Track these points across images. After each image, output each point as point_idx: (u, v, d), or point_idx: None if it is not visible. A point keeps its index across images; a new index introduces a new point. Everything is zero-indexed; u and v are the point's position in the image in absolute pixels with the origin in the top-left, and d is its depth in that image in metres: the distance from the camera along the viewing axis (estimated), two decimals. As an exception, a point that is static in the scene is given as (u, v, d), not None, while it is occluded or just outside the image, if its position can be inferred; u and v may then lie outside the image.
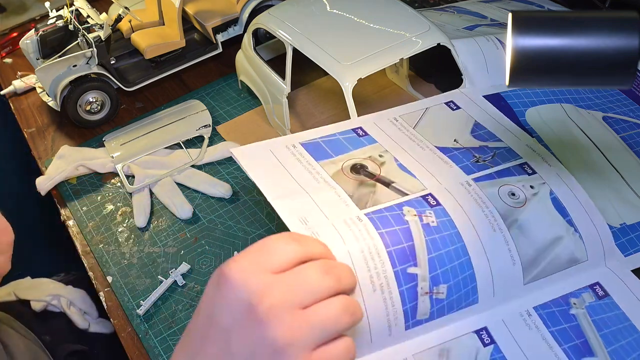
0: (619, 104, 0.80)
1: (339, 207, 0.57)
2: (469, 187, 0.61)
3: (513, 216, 0.61)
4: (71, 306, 0.84)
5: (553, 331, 0.57)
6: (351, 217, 0.56)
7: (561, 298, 0.60)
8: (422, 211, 0.58)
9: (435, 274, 0.56)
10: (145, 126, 0.91)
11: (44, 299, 0.84)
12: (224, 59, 1.00)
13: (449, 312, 0.57)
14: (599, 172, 0.71)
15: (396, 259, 0.54)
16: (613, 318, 0.59)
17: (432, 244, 0.56)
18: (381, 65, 0.72)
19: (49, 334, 0.80)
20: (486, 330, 0.57)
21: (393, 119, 0.70)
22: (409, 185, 0.61)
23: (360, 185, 0.60)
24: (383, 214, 0.56)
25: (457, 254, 0.57)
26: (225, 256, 0.74)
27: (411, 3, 0.98)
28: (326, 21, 0.79)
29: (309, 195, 0.58)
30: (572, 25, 0.43)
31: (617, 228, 0.66)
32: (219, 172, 0.84)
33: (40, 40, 0.90)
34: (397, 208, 0.58)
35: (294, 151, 0.64)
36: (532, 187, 0.63)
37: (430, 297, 0.56)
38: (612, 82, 0.46)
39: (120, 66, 0.94)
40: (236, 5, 0.97)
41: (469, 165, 0.64)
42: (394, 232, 0.55)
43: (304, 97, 0.92)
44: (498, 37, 0.81)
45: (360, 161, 0.63)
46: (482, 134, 0.68)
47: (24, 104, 1.01)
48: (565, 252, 0.61)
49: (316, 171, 0.62)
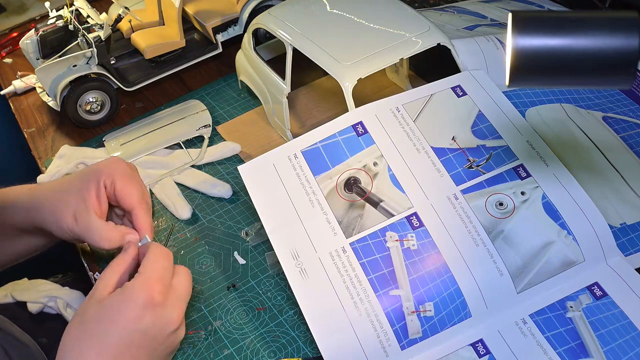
0: (619, 104, 0.80)
1: (327, 236, 0.64)
2: (456, 200, 0.63)
3: (498, 228, 0.62)
4: (68, 308, 0.83)
5: (548, 336, 0.58)
6: (337, 248, 0.63)
7: (557, 303, 0.60)
8: (404, 235, 0.62)
9: (419, 294, 0.59)
10: (145, 126, 0.91)
11: (40, 301, 0.84)
12: (224, 59, 1.00)
13: (442, 328, 0.59)
14: (599, 172, 0.71)
15: (377, 285, 0.60)
16: (610, 317, 0.59)
17: (412, 266, 0.61)
18: (381, 65, 0.72)
19: (45, 336, 0.80)
20: (482, 342, 0.59)
21: (395, 109, 0.70)
22: (396, 204, 0.64)
23: (350, 208, 0.65)
24: (367, 243, 0.63)
25: (438, 272, 0.60)
26: (225, 256, 0.74)
27: (411, 3, 0.98)
28: (326, 21, 0.79)
29: (302, 224, 0.65)
30: (572, 25, 0.43)
31: (617, 228, 0.66)
32: (219, 172, 0.84)
33: (40, 40, 0.90)
34: (381, 234, 0.63)
35: (294, 163, 0.68)
36: (523, 194, 0.64)
37: (418, 315, 0.59)
38: (612, 82, 0.46)
39: (120, 66, 0.94)
40: (236, 5, 0.97)
41: (461, 173, 0.65)
42: (375, 260, 0.61)
43: (304, 97, 0.92)
44: (498, 37, 0.81)
45: (355, 173, 0.67)
46: (483, 129, 0.68)
47: (24, 104, 1.01)
48: (558, 257, 0.61)
49: (312, 190, 0.66)
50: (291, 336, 0.66)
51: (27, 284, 0.87)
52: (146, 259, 0.59)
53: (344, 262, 0.62)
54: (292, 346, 0.65)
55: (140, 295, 0.55)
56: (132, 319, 0.55)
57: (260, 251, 0.74)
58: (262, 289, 0.70)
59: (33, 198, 0.68)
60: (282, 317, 0.67)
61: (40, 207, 0.66)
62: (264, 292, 0.70)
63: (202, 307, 0.69)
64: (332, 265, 0.62)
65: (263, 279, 0.71)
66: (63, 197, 0.65)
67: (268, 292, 0.70)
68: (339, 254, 0.62)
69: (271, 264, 0.72)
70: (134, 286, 0.56)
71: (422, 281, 0.60)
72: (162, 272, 0.58)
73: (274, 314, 0.68)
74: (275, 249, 0.64)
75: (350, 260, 0.62)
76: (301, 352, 0.64)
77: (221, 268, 0.73)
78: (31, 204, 0.67)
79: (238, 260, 0.73)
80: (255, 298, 0.69)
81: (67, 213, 0.64)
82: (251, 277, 0.71)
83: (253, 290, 0.70)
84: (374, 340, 0.58)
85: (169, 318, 0.57)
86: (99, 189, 0.65)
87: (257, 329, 0.67)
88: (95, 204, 0.65)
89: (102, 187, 0.66)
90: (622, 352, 0.57)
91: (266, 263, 0.72)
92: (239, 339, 0.66)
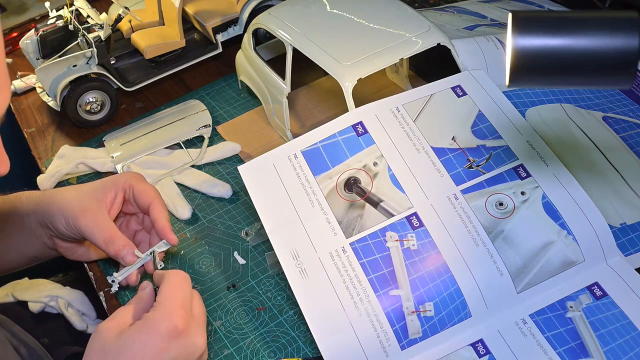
0: (619, 104, 0.80)
1: (327, 236, 0.63)
2: (456, 200, 0.63)
3: (498, 228, 0.62)
4: (69, 307, 0.83)
5: (548, 336, 0.58)
6: (337, 248, 0.63)
7: (557, 302, 0.60)
8: (404, 235, 0.62)
9: (419, 294, 0.59)
10: (145, 126, 0.91)
11: (41, 301, 0.84)
12: (224, 59, 1.00)
13: (442, 328, 0.59)
14: (599, 172, 0.71)
15: (377, 285, 0.60)
16: (610, 317, 0.59)
17: (412, 266, 0.60)
18: (381, 65, 0.72)
19: (47, 336, 0.80)
20: (482, 342, 0.59)
21: (395, 109, 0.70)
22: (396, 204, 0.64)
23: (350, 208, 0.65)
24: (367, 243, 0.62)
25: (438, 272, 0.60)
26: (225, 256, 0.74)
27: (411, 3, 0.98)
28: (326, 21, 0.79)
29: (302, 224, 0.64)
30: (572, 25, 0.43)
31: (618, 228, 0.66)
32: (219, 172, 0.84)
33: (40, 40, 0.90)
34: (381, 234, 0.62)
35: (294, 163, 0.68)
36: (523, 194, 0.64)
37: (418, 315, 0.59)
38: (612, 82, 0.46)
39: (120, 66, 0.94)
40: (236, 5, 0.97)
41: (461, 173, 0.65)
42: (375, 260, 0.61)
43: (304, 97, 0.92)
44: (498, 37, 0.81)
45: (355, 173, 0.67)
46: (483, 129, 0.68)
47: (24, 104, 1.01)
48: (558, 257, 0.61)
49: (312, 190, 0.66)
50: (291, 336, 0.66)
51: (28, 283, 0.87)
52: (165, 285, 0.56)
53: (344, 262, 0.62)
54: (292, 346, 0.65)
55: (163, 325, 0.53)
56: (157, 350, 0.53)
57: (260, 251, 0.74)
58: (262, 289, 0.70)
59: (45, 195, 0.69)
60: (282, 317, 0.67)
61: (52, 203, 0.67)
62: (264, 292, 0.70)
63: (202, 307, 0.69)
64: (332, 265, 0.62)
65: (263, 279, 0.71)
66: (77, 195, 0.67)
67: (268, 292, 0.70)
68: (339, 254, 0.62)
69: (271, 264, 0.72)
70: (155, 317, 0.54)
71: (422, 281, 0.60)
72: (182, 300, 0.55)
73: (274, 314, 0.68)
74: (275, 249, 0.64)
75: (350, 260, 0.62)
76: (301, 352, 0.64)
77: (221, 268, 0.73)
78: (43, 199, 0.68)
79: (238, 260, 0.73)
80: (255, 298, 0.69)
81: (76, 207, 0.65)
82: (251, 277, 0.71)
83: (253, 290, 0.70)
84: (374, 340, 0.58)
85: (194, 345, 0.54)
86: (116, 194, 0.67)
87: (257, 329, 0.67)
88: (108, 205, 0.66)
89: (120, 193, 0.67)
90: (622, 352, 0.57)
91: (266, 263, 0.72)
92: (239, 339, 0.66)
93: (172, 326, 0.53)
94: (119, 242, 0.64)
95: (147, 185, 0.69)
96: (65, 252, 0.72)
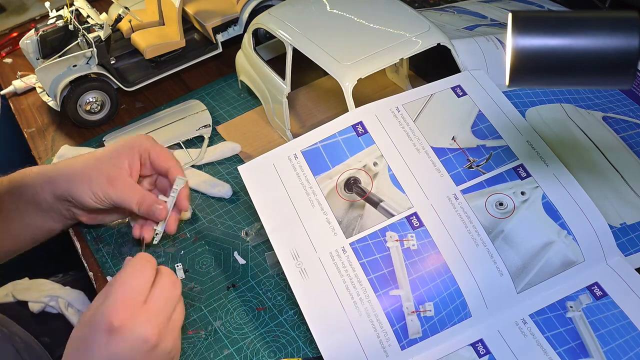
0: (619, 104, 0.80)
1: (327, 236, 0.63)
2: (456, 200, 0.63)
3: (498, 228, 0.62)
4: (69, 307, 0.83)
5: (548, 336, 0.58)
6: (337, 248, 0.63)
7: (557, 303, 0.60)
8: (404, 235, 0.62)
9: (419, 294, 0.59)
10: (145, 126, 0.91)
11: (41, 301, 0.84)
12: (224, 59, 1.00)
13: (442, 328, 0.59)
14: (599, 172, 0.71)
15: (377, 285, 0.60)
16: (611, 317, 0.59)
17: (412, 266, 0.60)
18: (381, 65, 0.72)
19: (47, 336, 0.80)
20: (482, 342, 0.59)
21: (395, 109, 0.70)
22: (396, 204, 0.64)
23: (350, 208, 0.65)
24: (367, 243, 0.63)
25: (438, 272, 0.60)
26: (225, 256, 0.74)
27: (411, 3, 0.98)
28: (326, 21, 0.79)
29: (302, 224, 0.65)
30: (572, 25, 0.43)
31: (618, 228, 0.66)
32: (219, 172, 0.84)
33: (40, 40, 0.90)
34: (381, 234, 0.62)
35: (294, 163, 0.68)
36: (523, 194, 0.64)
37: (418, 315, 0.59)
38: (612, 82, 0.46)
39: (120, 66, 0.94)
40: (236, 5, 0.97)
41: (461, 173, 0.65)
42: (375, 260, 0.61)
43: (304, 97, 0.92)
44: (498, 37, 0.81)
45: (355, 173, 0.67)
46: (483, 129, 0.68)
47: (24, 104, 1.01)
48: (558, 257, 0.61)
49: (312, 190, 0.66)
50: (291, 336, 0.66)
51: (28, 283, 0.87)
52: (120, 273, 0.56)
53: (344, 262, 0.62)
54: (292, 346, 0.65)
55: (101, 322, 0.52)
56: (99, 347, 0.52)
57: (260, 251, 0.74)
58: (262, 289, 0.70)
59: (59, 169, 0.70)
60: (282, 317, 0.67)
61: (70, 176, 0.69)
62: (264, 292, 0.70)
63: (202, 307, 0.69)
64: (332, 265, 0.62)
65: (263, 279, 0.71)
66: (96, 164, 0.69)
67: (268, 292, 0.70)
68: (339, 254, 0.62)
69: (271, 264, 0.72)
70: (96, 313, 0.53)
71: (422, 281, 0.60)
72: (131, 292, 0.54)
73: (274, 314, 0.68)
74: (275, 249, 0.64)
75: (350, 260, 0.62)
76: (301, 352, 0.64)
77: (221, 268, 0.73)
78: (58, 173, 0.70)
79: (238, 260, 0.73)
80: (255, 298, 0.69)
81: (101, 179, 0.67)
82: (251, 277, 0.71)
83: (253, 290, 0.70)
84: (374, 340, 0.58)
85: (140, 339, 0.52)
86: (133, 159, 0.69)
87: (257, 329, 0.67)
88: (128, 171, 0.69)
89: (136, 158, 0.70)
90: (622, 352, 0.57)
91: (266, 263, 0.72)
92: (239, 339, 0.66)
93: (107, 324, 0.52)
94: (148, 201, 0.68)
95: (162, 148, 0.72)
96: (87, 220, 0.75)
